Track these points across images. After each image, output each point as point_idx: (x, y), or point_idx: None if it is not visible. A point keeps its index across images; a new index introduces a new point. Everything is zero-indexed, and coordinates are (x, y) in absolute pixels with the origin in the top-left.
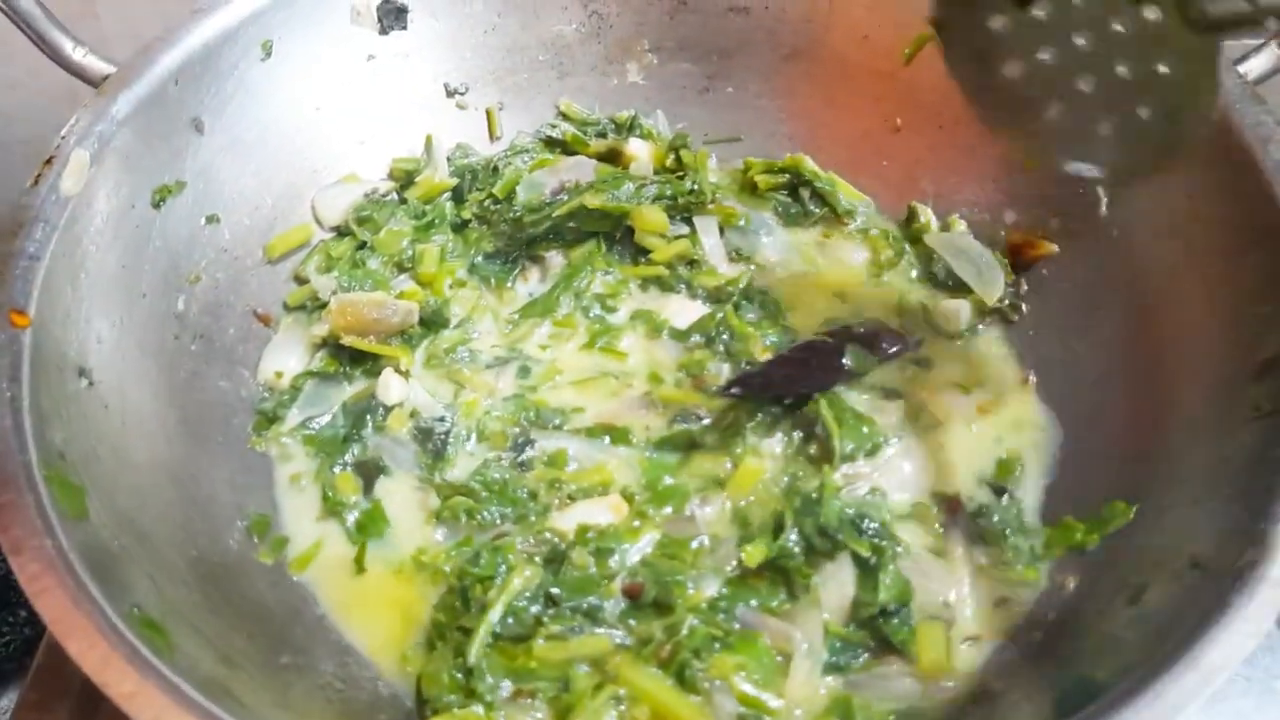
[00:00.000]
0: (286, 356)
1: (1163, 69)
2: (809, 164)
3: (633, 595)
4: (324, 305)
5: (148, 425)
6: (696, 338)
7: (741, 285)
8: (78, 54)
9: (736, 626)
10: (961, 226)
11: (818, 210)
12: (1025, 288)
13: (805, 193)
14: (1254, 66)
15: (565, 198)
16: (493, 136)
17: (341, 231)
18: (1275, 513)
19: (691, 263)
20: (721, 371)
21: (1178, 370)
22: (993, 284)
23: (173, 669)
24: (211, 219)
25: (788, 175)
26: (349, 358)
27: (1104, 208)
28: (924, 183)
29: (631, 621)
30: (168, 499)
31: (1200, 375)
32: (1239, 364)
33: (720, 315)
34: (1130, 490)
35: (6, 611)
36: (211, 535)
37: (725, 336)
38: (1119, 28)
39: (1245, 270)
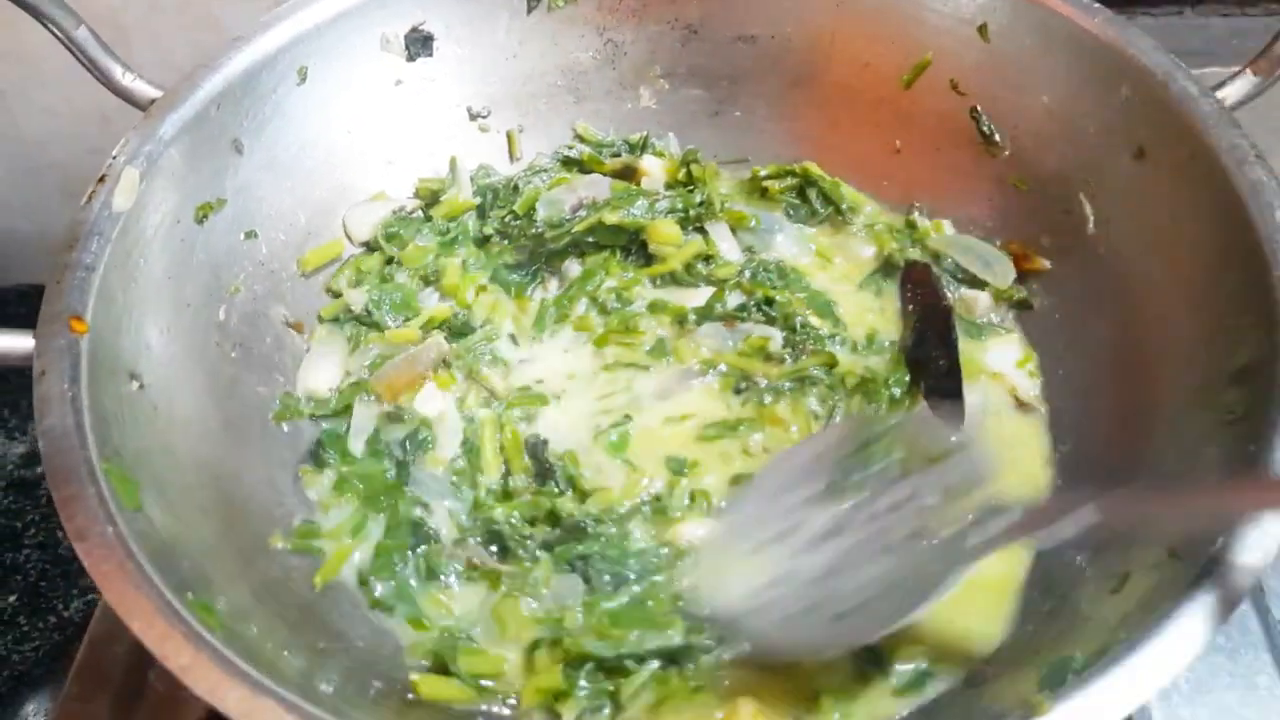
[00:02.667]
0: (324, 373)
1: None
2: (815, 168)
3: None
4: (356, 318)
5: (193, 427)
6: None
7: (755, 263)
8: (126, 79)
9: None
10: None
11: (824, 210)
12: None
13: (812, 193)
14: (1231, 92)
15: (584, 214)
16: (513, 157)
17: (371, 247)
18: None
19: (707, 258)
20: (776, 338)
21: (1160, 377)
22: (1003, 274)
23: (225, 644)
24: (250, 234)
25: (795, 179)
26: None
27: (1091, 226)
28: (921, 201)
29: None
30: (212, 496)
31: (1181, 381)
32: (1216, 371)
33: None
34: (1117, 483)
35: (36, 617)
36: (252, 532)
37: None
38: None
39: (1223, 286)
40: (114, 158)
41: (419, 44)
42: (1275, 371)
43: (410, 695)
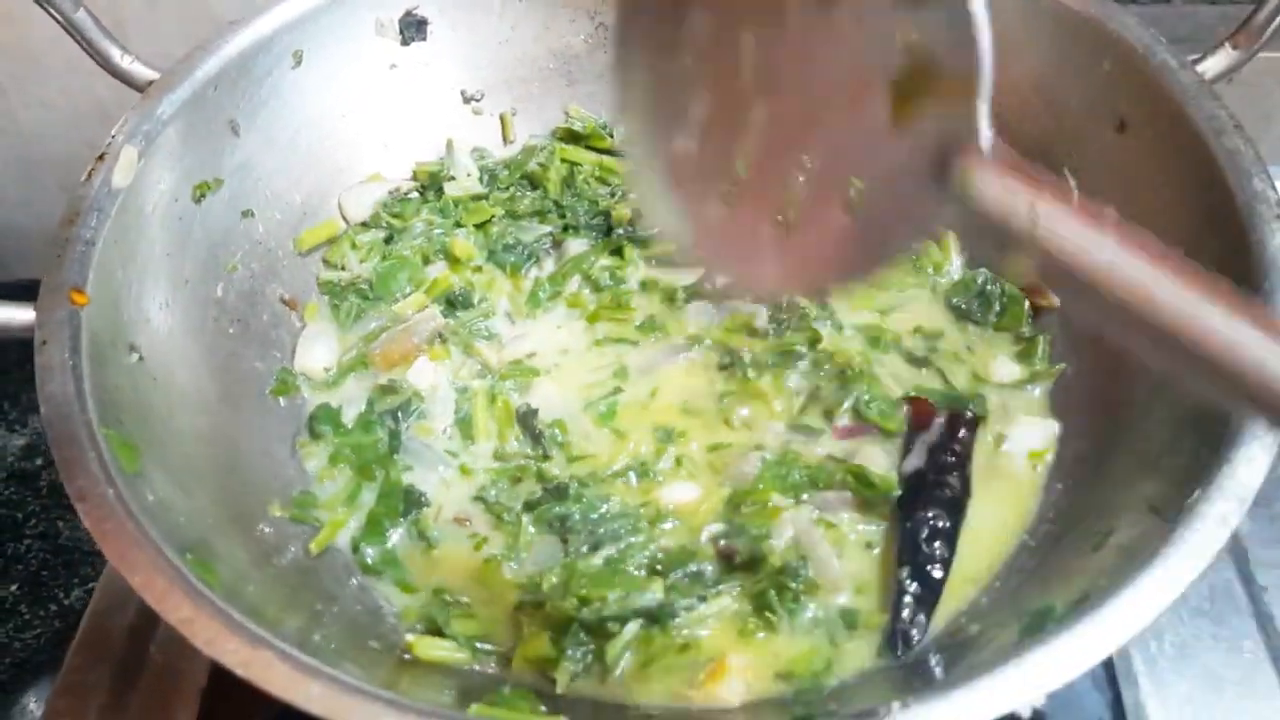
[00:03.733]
0: (320, 348)
1: None
2: None
3: (728, 557)
4: (354, 284)
5: (191, 399)
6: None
7: None
8: (125, 61)
9: None
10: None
11: None
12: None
13: None
14: (1211, 65)
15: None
16: (506, 140)
17: (367, 225)
18: (1223, 459)
19: None
20: (761, 314)
21: None
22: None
23: (224, 599)
24: (247, 214)
25: None
26: None
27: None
28: None
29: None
30: (211, 465)
31: None
32: None
33: None
34: (1100, 448)
35: (37, 606)
36: (251, 500)
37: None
38: None
39: (1199, 254)
40: (113, 136)
41: (413, 28)
42: None
43: (406, 655)
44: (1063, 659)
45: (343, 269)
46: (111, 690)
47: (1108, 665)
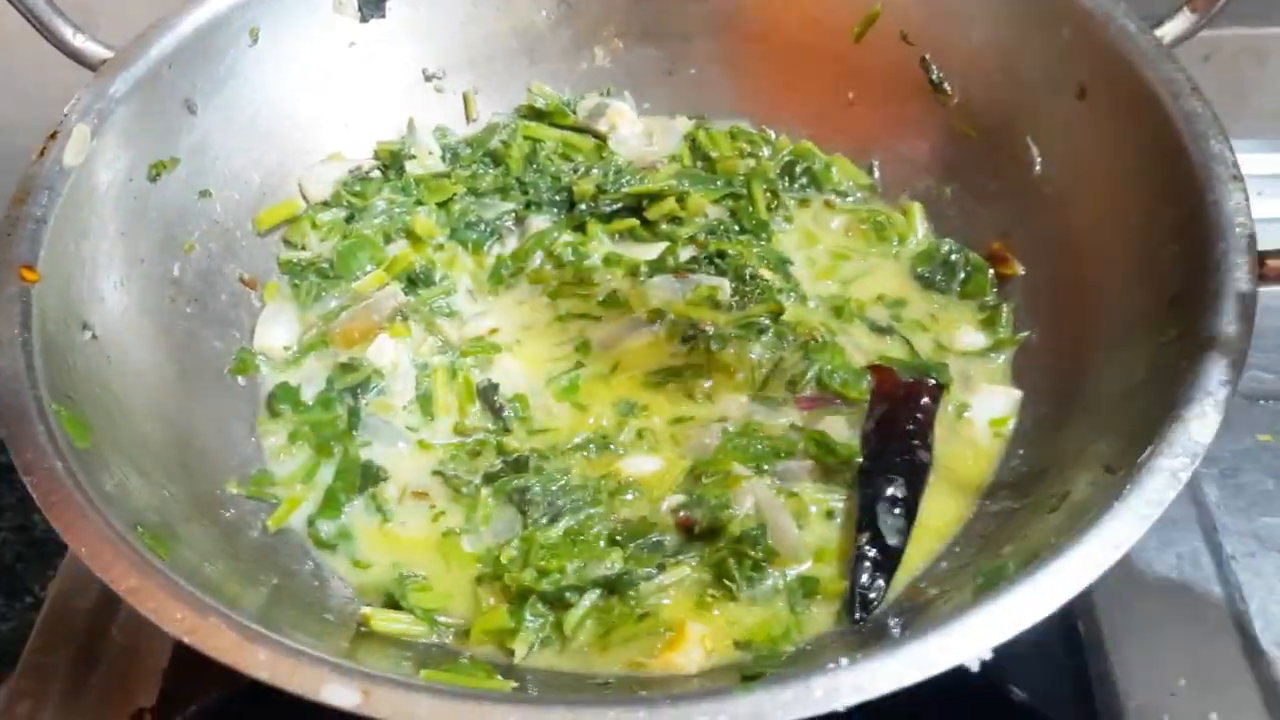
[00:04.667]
0: (280, 327)
1: None
2: (813, 147)
3: (687, 527)
4: (314, 263)
5: (147, 378)
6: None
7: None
8: (77, 40)
9: None
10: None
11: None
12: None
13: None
14: (1169, 30)
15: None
16: (469, 118)
17: (328, 204)
18: (1175, 416)
19: (675, 219)
20: (725, 287)
21: (1100, 306)
22: None
23: (171, 569)
24: (204, 193)
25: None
26: None
27: (1037, 168)
28: (875, 154)
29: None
30: (166, 443)
31: (1119, 310)
32: (1152, 299)
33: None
34: (1058, 413)
35: (12, 598)
36: (208, 478)
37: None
38: None
39: (1158, 217)
40: (65, 115)
41: (372, 5)
42: (1206, 290)
43: (363, 628)
44: (1011, 613)
45: (303, 248)
46: (72, 672)
47: (1072, 635)
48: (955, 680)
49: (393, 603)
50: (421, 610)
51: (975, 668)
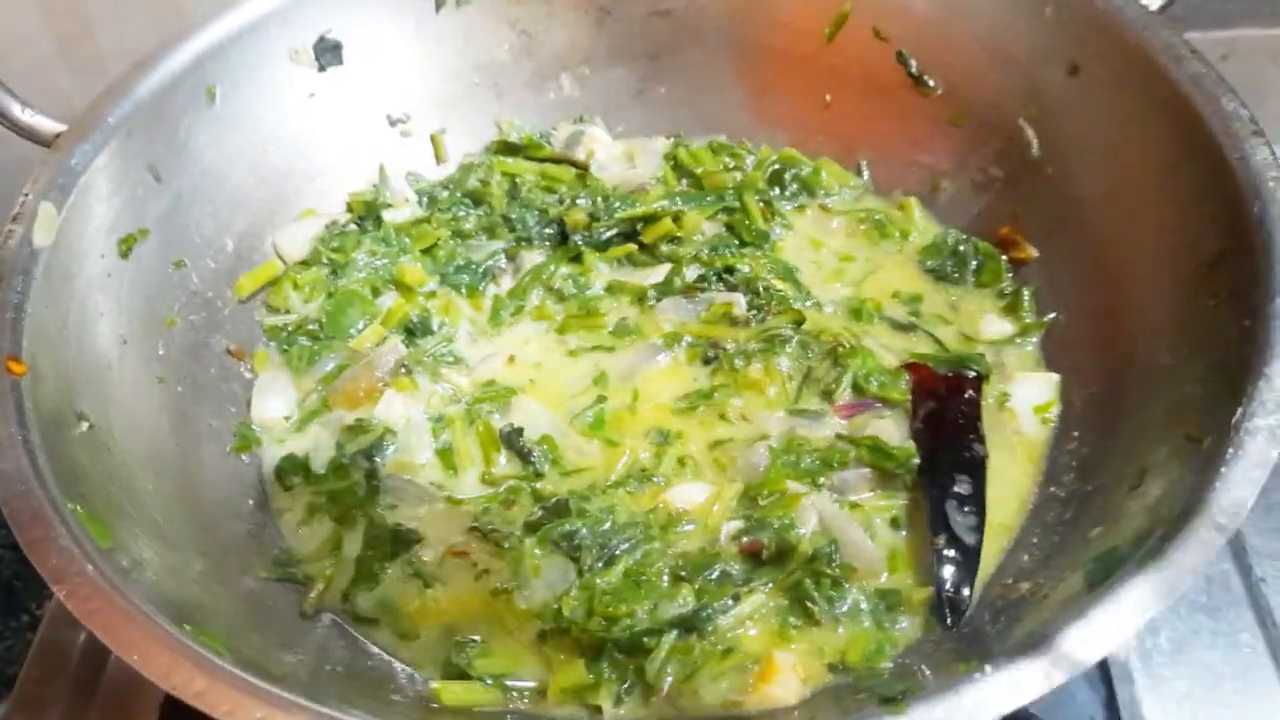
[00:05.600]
0: (276, 397)
1: None
2: (797, 154)
3: (754, 553)
4: (302, 326)
5: (151, 464)
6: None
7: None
8: (26, 115)
9: None
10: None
11: (800, 194)
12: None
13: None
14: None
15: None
16: (439, 160)
17: (307, 263)
18: (1259, 374)
19: (674, 239)
20: (739, 302)
21: (1129, 277)
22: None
23: (234, 666)
24: (179, 264)
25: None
26: None
27: (1035, 149)
28: (862, 153)
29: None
30: (184, 531)
31: (1158, 279)
32: (1192, 262)
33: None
34: (1111, 389)
35: (9, 617)
36: (233, 562)
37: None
38: None
39: (1178, 180)
40: (25, 194)
41: (328, 53)
42: (1253, 247)
43: (434, 704)
44: (1151, 591)
45: (288, 312)
46: (69, 704)
47: (1101, 662)
48: None
49: (457, 673)
50: (491, 676)
51: (1123, 656)
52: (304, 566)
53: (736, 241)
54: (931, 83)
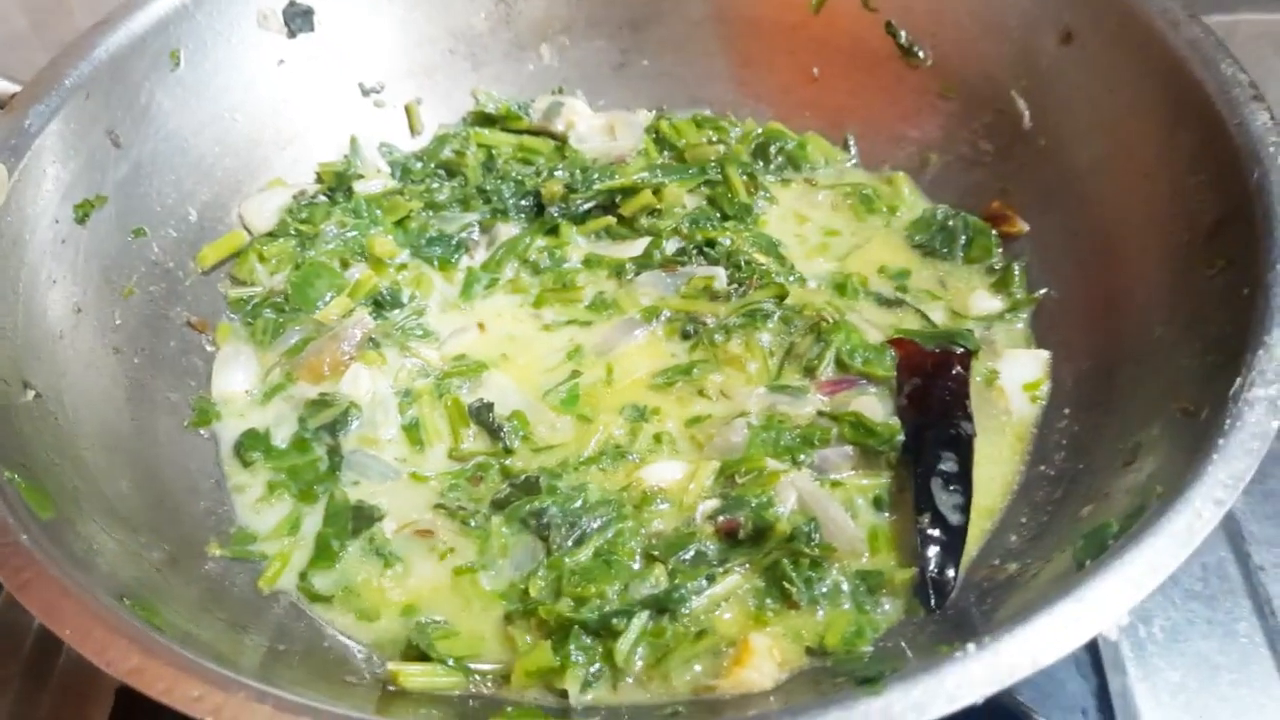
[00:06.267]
0: (238, 371)
1: None
2: (782, 128)
3: (730, 533)
4: (267, 298)
5: (102, 437)
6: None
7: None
8: None
9: None
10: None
11: (785, 168)
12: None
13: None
14: None
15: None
16: (414, 131)
17: (274, 235)
18: (1259, 343)
19: (653, 212)
20: (720, 276)
21: (1124, 249)
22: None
23: (174, 641)
24: (138, 232)
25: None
26: None
27: (1027, 121)
28: (850, 128)
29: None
30: (134, 506)
31: (1153, 250)
32: (1188, 231)
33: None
34: (1103, 365)
35: None
36: (186, 540)
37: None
38: None
39: (1175, 148)
40: None
41: (299, 18)
42: (1253, 214)
43: (391, 687)
44: (1144, 567)
45: (253, 284)
46: (21, 688)
47: (1092, 651)
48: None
49: (418, 655)
50: (453, 659)
51: (1114, 636)
52: (261, 544)
53: (718, 215)
54: (921, 54)
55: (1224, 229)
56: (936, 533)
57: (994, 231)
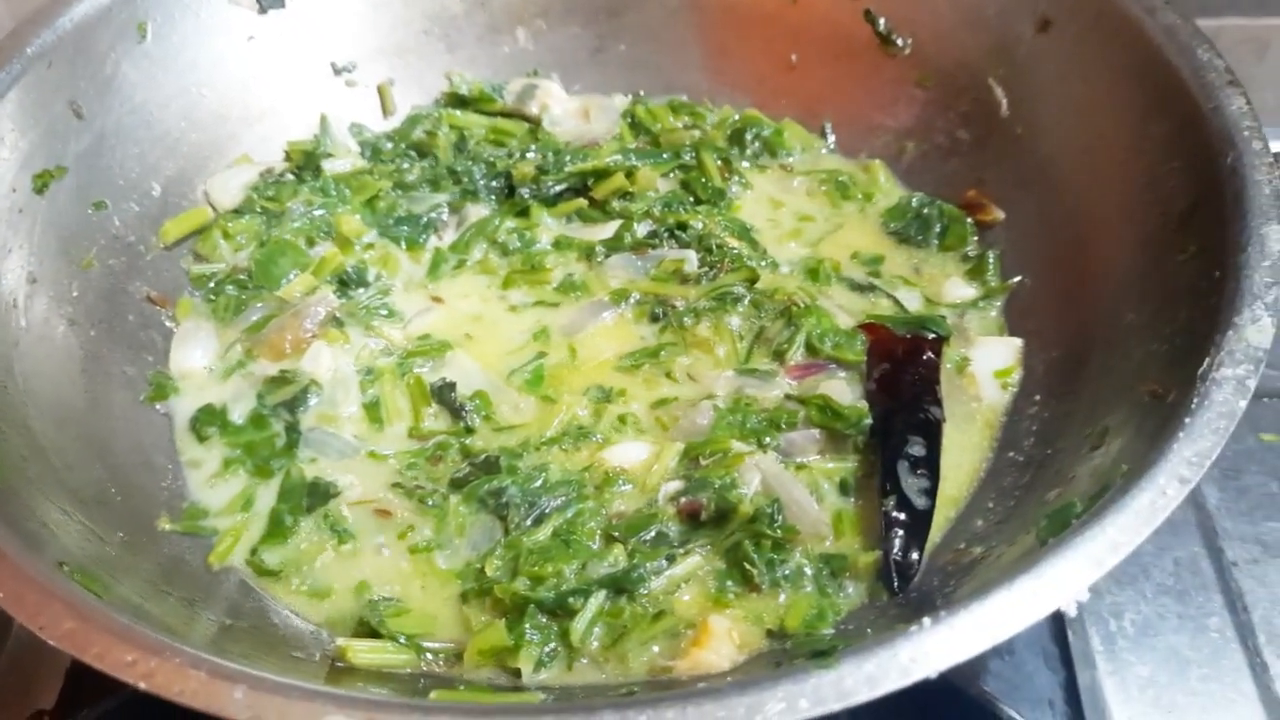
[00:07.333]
0: (198, 347)
1: None
2: (759, 114)
3: (692, 514)
4: (230, 275)
5: (53, 410)
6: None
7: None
8: None
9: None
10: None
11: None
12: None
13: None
14: None
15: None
16: (386, 112)
17: (239, 212)
18: (1227, 324)
19: (626, 195)
20: (691, 259)
21: (1099, 237)
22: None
23: (111, 608)
24: (99, 205)
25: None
26: None
27: (1004, 109)
28: (827, 115)
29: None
30: (85, 479)
31: (1127, 238)
32: (1161, 218)
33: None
34: (1074, 352)
35: None
36: (136, 515)
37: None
38: None
39: (1151, 135)
40: None
41: None
42: (1224, 198)
43: (340, 663)
44: (1107, 543)
45: (216, 260)
46: None
47: (1061, 644)
48: (942, 695)
49: (369, 631)
50: (404, 636)
51: (1073, 613)
52: (213, 520)
53: (691, 199)
54: (899, 42)
55: (1196, 214)
56: (902, 516)
57: (969, 219)
